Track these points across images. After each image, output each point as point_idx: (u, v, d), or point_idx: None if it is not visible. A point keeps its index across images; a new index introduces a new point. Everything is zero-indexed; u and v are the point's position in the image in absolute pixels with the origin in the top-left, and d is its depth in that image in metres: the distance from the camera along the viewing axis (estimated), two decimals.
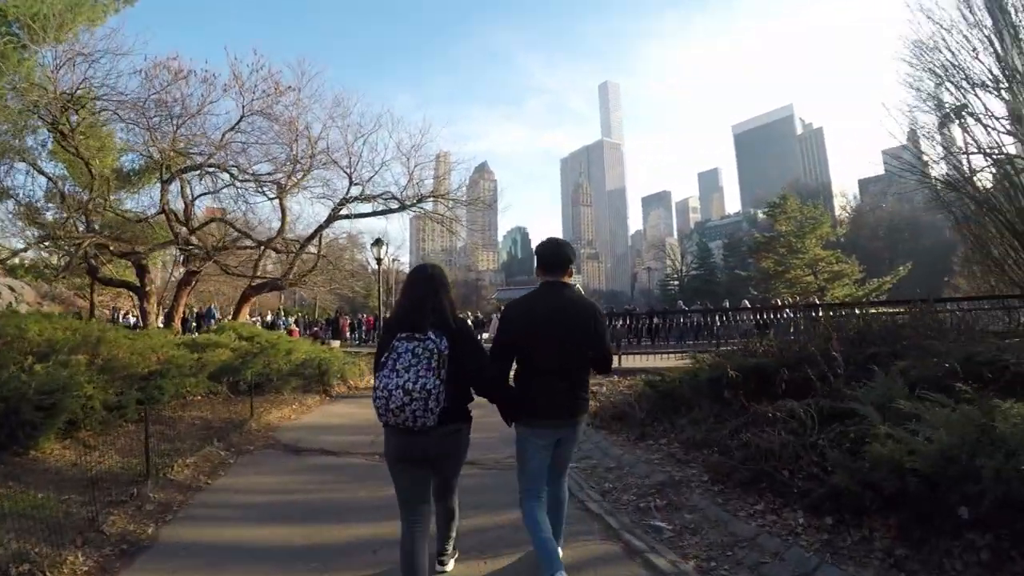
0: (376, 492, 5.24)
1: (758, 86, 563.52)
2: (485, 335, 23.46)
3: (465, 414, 3.40)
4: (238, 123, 15.95)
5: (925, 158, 16.44)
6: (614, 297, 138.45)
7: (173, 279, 25.10)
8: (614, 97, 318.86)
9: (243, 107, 15.77)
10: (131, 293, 19.41)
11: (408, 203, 17.84)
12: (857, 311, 15.54)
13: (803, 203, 41.85)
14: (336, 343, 21.13)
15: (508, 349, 3.54)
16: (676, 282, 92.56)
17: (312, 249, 18.61)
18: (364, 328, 32.27)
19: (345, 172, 17.79)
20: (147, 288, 16.96)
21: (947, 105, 14.11)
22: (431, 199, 18.34)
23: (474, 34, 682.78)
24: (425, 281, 3.41)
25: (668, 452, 6.76)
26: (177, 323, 18.29)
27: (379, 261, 18.31)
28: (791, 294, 33.24)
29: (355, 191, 17.85)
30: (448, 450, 3.33)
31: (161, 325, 17.76)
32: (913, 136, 16.92)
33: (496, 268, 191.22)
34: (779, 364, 7.18)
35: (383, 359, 3.15)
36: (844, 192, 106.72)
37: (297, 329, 24.41)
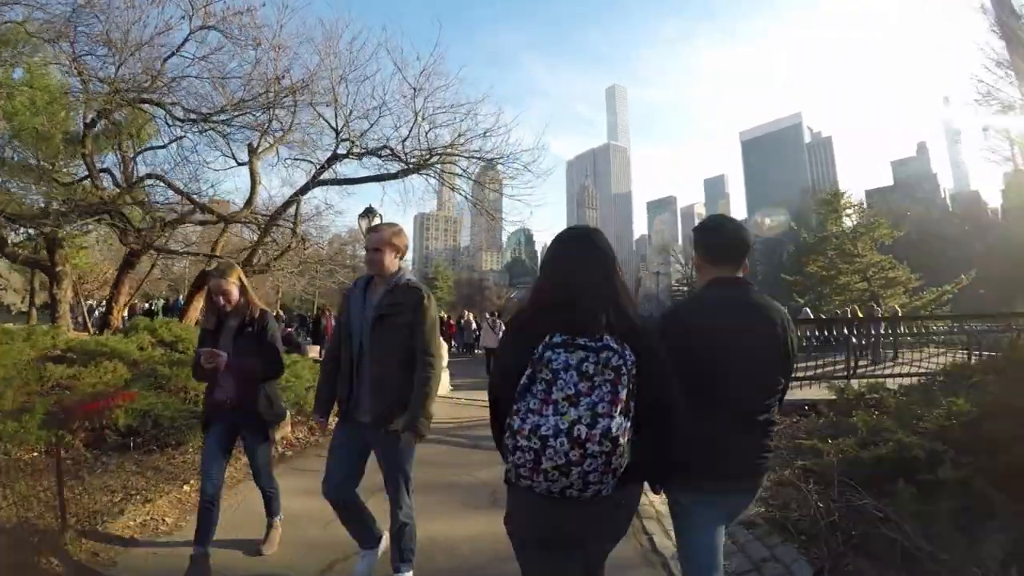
0: None
1: (766, 94, 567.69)
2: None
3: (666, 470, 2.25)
4: (184, 43, 11.57)
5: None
6: None
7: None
8: (621, 101, 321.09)
9: (191, 18, 11.33)
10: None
11: (412, 161, 13.10)
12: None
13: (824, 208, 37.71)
14: (315, 349, 16.46)
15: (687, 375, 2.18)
16: (685, 287, 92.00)
17: (287, 228, 14.19)
18: None
19: (331, 126, 13.25)
20: (58, 269, 12.70)
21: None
22: (449, 154, 13.34)
23: (478, 36, 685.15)
24: (592, 251, 2.17)
25: None
26: (116, 317, 14.02)
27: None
28: (846, 302, 29.38)
29: (343, 149, 13.33)
30: (617, 528, 2.19)
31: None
32: None
33: (500, 269, 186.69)
34: None
35: (523, 380, 1.99)
36: (862, 201, 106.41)
37: None
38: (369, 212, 13.07)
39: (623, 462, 1.93)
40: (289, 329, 18.63)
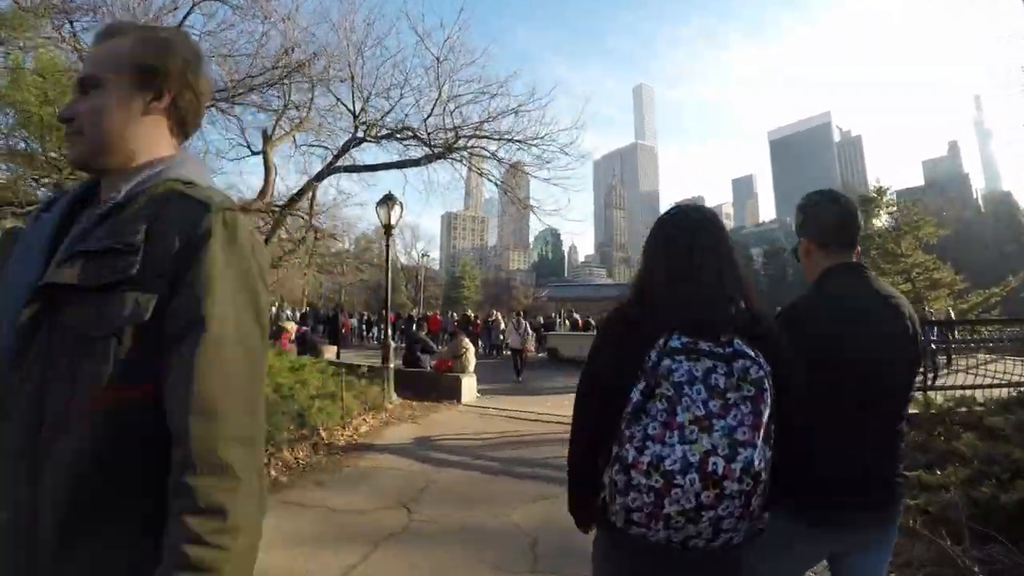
0: None
1: (795, 93, 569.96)
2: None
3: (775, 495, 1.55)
4: (188, 15, 10.53)
5: None
6: None
7: None
8: (648, 100, 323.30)
9: None
10: None
11: (436, 144, 12.02)
12: None
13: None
14: (332, 349, 15.65)
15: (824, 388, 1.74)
16: None
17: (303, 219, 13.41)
18: (399, 329, 24.13)
19: (348, 108, 12.35)
20: None
21: None
22: (477, 136, 12.24)
23: (493, 32, 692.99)
24: (714, 231, 1.68)
25: None
26: None
27: (388, 228, 11.97)
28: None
29: (361, 132, 12.41)
30: None
31: None
32: None
33: (527, 268, 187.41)
34: None
35: (636, 399, 1.48)
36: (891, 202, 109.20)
37: (290, 329, 18.85)
38: (388, 199, 11.59)
39: (763, 503, 1.49)
40: (304, 329, 17.64)
